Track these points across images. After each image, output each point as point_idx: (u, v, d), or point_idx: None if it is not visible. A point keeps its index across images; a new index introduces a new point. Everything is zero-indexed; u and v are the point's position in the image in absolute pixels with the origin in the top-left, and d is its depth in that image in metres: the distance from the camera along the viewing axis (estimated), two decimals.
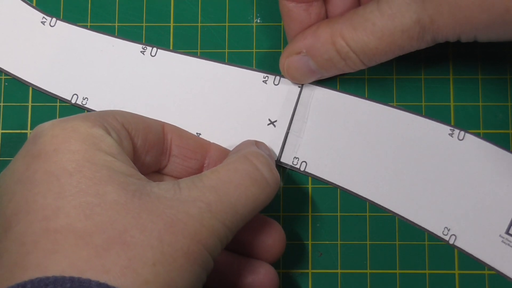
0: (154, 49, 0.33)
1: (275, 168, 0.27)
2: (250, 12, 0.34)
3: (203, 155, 0.31)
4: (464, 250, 0.30)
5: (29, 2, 0.34)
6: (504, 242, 0.30)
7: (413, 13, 0.25)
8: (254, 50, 0.33)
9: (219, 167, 0.26)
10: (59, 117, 0.33)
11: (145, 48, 0.33)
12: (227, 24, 0.34)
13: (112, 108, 0.32)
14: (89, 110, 0.33)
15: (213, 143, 0.32)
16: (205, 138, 0.32)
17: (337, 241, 0.32)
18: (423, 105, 0.32)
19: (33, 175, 0.23)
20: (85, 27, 0.34)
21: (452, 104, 0.32)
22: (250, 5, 0.33)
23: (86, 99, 0.33)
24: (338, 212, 0.32)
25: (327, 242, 0.32)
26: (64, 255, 0.21)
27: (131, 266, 0.21)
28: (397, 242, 0.32)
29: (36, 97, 0.33)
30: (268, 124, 0.32)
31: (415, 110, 0.32)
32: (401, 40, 0.26)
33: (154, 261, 0.22)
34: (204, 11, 0.34)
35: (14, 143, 0.33)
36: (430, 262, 0.31)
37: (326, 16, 0.30)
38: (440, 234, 0.31)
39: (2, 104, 0.33)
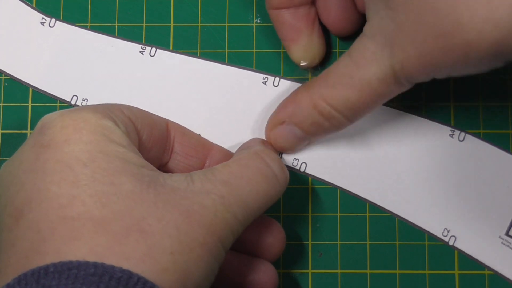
0: (153, 49, 0.33)
1: (285, 166, 0.27)
2: (250, 12, 0.33)
3: (204, 155, 0.31)
4: (463, 251, 0.30)
5: (28, 2, 0.34)
6: (504, 244, 0.30)
7: (385, 60, 0.25)
8: (254, 50, 0.33)
9: (230, 162, 0.26)
10: None
11: (144, 48, 0.33)
12: (227, 24, 0.34)
13: None
14: None
15: (215, 144, 0.32)
16: (205, 138, 0.32)
17: (337, 241, 0.32)
18: (423, 106, 0.32)
19: (44, 164, 0.23)
20: (85, 27, 0.33)
21: (452, 104, 0.32)
22: (250, 5, 0.33)
23: (86, 100, 0.33)
24: (338, 212, 0.32)
25: (327, 242, 0.32)
26: (84, 242, 0.21)
27: (150, 254, 0.21)
28: (397, 242, 0.32)
29: (36, 97, 0.33)
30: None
31: (415, 110, 0.32)
32: (380, 88, 0.26)
33: (172, 249, 0.22)
34: (204, 11, 0.34)
35: (14, 143, 0.33)
36: (430, 262, 0.31)
37: (317, 18, 0.30)
38: (439, 235, 0.31)
39: (2, 104, 0.33)
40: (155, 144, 0.28)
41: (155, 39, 0.33)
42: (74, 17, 0.34)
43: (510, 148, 0.32)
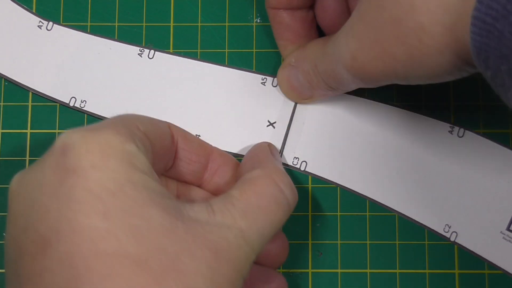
0: (152, 51, 0.33)
1: (294, 186, 0.27)
2: (250, 12, 0.34)
3: (206, 159, 0.30)
4: (465, 247, 0.30)
5: (25, 6, 0.34)
6: (505, 239, 0.30)
7: (348, 46, 0.26)
8: (254, 50, 0.33)
9: (247, 188, 0.25)
10: (58, 117, 0.33)
11: (142, 51, 0.33)
12: (227, 24, 0.34)
13: (111, 111, 0.32)
14: (87, 113, 0.33)
15: (214, 147, 0.31)
16: (204, 141, 0.31)
17: (337, 240, 0.32)
18: (422, 105, 0.32)
19: (70, 191, 0.21)
20: (83, 29, 0.33)
21: (452, 103, 0.32)
22: (250, 5, 0.34)
23: (84, 102, 0.33)
24: (338, 211, 0.32)
25: (327, 241, 0.32)
26: (122, 280, 0.20)
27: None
28: (397, 242, 0.32)
29: (36, 97, 0.33)
30: (268, 126, 0.32)
31: (415, 110, 0.32)
32: (341, 72, 0.27)
33: (206, 284, 0.21)
34: (204, 11, 0.34)
35: (14, 143, 0.33)
36: (430, 261, 0.31)
37: (314, 21, 0.31)
38: (441, 231, 0.31)
39: (2, 104, 0.33)
40: (165, 155, 0.28)
41: (155, 38, 0.33)
42: (74, 17, 0.34)
43: (510, 147, 0.32)
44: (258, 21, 0.34)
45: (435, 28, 0.22)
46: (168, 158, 0.28)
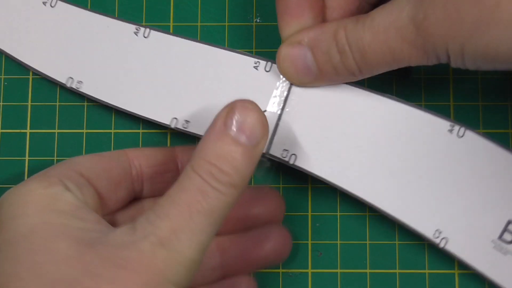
0: (148, 30, 0.32)
1: (233, 170, 0.25)
2: (250, 11, 0.34)
3: (174, 163, 0.30)
4: (454, 254, 0.29)
5: None
6: (496, 248, 0.28)
7: (410, 9, 0.24)
8: (254, 50, 0.33)
9: (171, 189, 0.25)
10: (58, 117, 0.33)
11: (138, 29, 0.32)
12: (226, 24, 0.34)
13: (105, 93, 0.32)
14: (83, 94, 0.32)
15: (176, 147, 0.31)
16: (192, 127, 0.30)
17: (337, 240, 0.32)
18: (422, 105, 0.32)
19: None
20: (84, 7, 0.33)
21: (452, 103, 0.32)
22: (249, 5, 0.34)
23: (80, 83, 0.32)
24: (338, 212, 0.32)
25: (327, 241, 0.32)
26: None
27: None
28: (397, 242, 0.32)
29: (36, 97, 0.33)
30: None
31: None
32: (394, 42, 0.25)
33: None
34: (204, 11, 0.34)
35: (14, 143, 0.33)
36: (430, 262, 0.31)
37: (323, 10, 0.29)
38: (431, 236, 0.29)
39: (2, 103, 0.34)
40: (119, 184, 0.29)
41: None
42: None
43: (510, 147, 0.32)
44: (258, 20, 0.33)
45: None
46: (128, 185, 0.29)
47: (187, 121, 0.31)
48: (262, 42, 0.33)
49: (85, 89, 0.32)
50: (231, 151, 0.24)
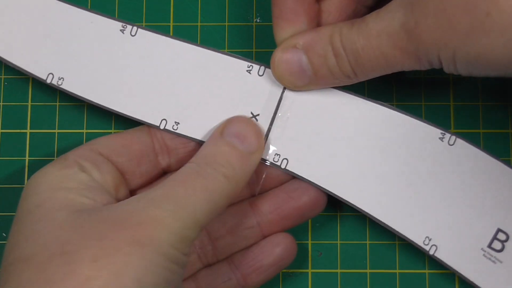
0: (135, 28, 0.31)
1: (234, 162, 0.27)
2: (250, 11, 0.34)
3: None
4: (443, 262, 0.29)
5: None
6: (485, 256, 0.28)
7: (401, 16, 0.25)
8: (254, 50, 0.33)
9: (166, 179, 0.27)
10: (58, 117, 0.33)
11: (125, 27, 0.31)
12: (226, 23, 0.34)
13: (88, 91, 0.31)
14: (64, 91, 0.31)
15: None
16: (182, 129, 0.30)
17: (337, 240, 0.32)
18: (422, 105, 0.32)
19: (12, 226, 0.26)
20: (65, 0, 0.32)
21: (451, 103, 0.32)
22: (249, 5, 0.34)
23: (61, 79, 0.31)
24: (338, 211, 0.32)
25: (327, 241, 0.32)
26: (14, 280, 0.23)
27: (69, 270, 0.22)
28: (396, 242, 0.32)
29: (36, 97, 0.33)
30: (250, 118, 0.30)
31: (415, 110, 0.32)
32: (386, 47, 0.26)
33: (94, 257, 0.23)
34: (204, 11, 0.34)
35: (14, 143, 0.33)
36: (430, 261, 0.31)
37: (318, 15, 0.29)
38: (420, 243, 0.29)
39: (2, 103, 0.33)
40: (142, 159, 0.30)
41: None
42: None
43: (510, 147, 0.32)
44: (258, 20, 0.33)
45: (508, 3, 0.21)
46: (151, 159, 0.30)
47: (177, 123, 0.30)
48: (262, 42, 0.33)
49: (67, 86, 0.31)
50: (227, 152, 0.27)
